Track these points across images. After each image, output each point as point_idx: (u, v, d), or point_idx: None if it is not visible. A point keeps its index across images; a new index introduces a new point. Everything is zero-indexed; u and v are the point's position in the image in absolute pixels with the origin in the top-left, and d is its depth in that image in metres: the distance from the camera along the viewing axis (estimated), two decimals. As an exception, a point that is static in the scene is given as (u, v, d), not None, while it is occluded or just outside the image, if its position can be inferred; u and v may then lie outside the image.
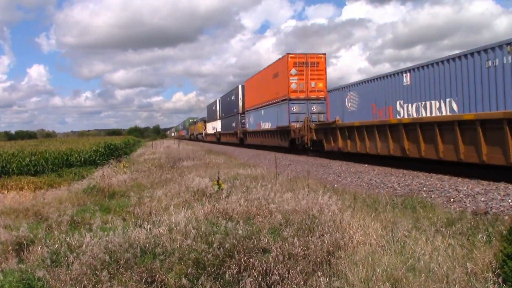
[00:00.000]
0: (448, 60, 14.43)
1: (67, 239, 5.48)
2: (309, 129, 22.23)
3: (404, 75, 17.21)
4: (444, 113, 14.51)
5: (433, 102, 15.38)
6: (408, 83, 16.90)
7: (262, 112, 31.04)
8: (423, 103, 15.96)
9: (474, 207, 7.38)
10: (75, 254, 4.91)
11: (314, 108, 23.99)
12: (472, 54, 13.05)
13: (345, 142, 18.14)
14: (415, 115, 16.19)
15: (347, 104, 23.28)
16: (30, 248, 5.69)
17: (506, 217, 6.10)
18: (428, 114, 15.36)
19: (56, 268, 4.62)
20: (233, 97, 41.75)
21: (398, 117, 16.93)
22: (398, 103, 17.71)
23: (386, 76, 18.78)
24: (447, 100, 14.58)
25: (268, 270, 4.37)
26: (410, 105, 16.85)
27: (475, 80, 12.94)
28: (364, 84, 21.40)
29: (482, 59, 12.59)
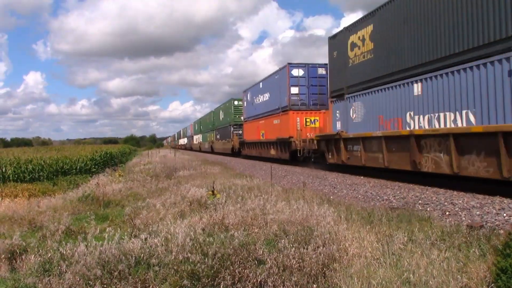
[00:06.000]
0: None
1: (60, 248, 5.43)
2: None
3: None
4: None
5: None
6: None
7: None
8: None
9: (470, 221, 7.38)
10: (67, 264, 4.87)
11: None
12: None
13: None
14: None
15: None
16: (23, 257, 5.65)
17: (501, 231, 6.11)
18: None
19: (49, 277, 4.58)
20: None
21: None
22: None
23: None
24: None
25: (262, 282, 4.35)
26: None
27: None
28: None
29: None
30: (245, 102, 36.04)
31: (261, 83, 30.28)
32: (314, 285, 4.28)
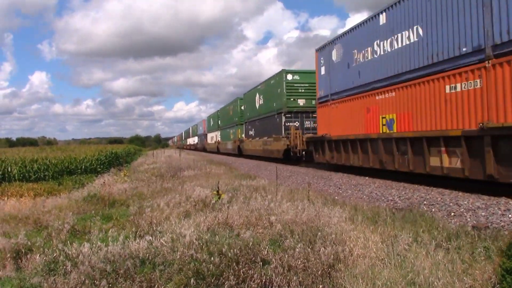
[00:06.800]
0: None
1: (65, 248, 5.45)
2: None
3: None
4: None
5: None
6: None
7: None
8: None
9: (475, 222, 7.35)
10: (73, 263, 4.89)
11: None
12: None
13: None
14: None
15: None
16: (28, 256, 5.68)
17: (506, 232, 6.08)
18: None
19: (54, 277, 4.60)
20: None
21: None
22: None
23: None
24: None
25: (267, 282, 4.35)
26: None
27: None
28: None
29: None
30: (322, 68, 19.49)
31: (383, 15, 14.03)
32: (320, 286, 4.28)
